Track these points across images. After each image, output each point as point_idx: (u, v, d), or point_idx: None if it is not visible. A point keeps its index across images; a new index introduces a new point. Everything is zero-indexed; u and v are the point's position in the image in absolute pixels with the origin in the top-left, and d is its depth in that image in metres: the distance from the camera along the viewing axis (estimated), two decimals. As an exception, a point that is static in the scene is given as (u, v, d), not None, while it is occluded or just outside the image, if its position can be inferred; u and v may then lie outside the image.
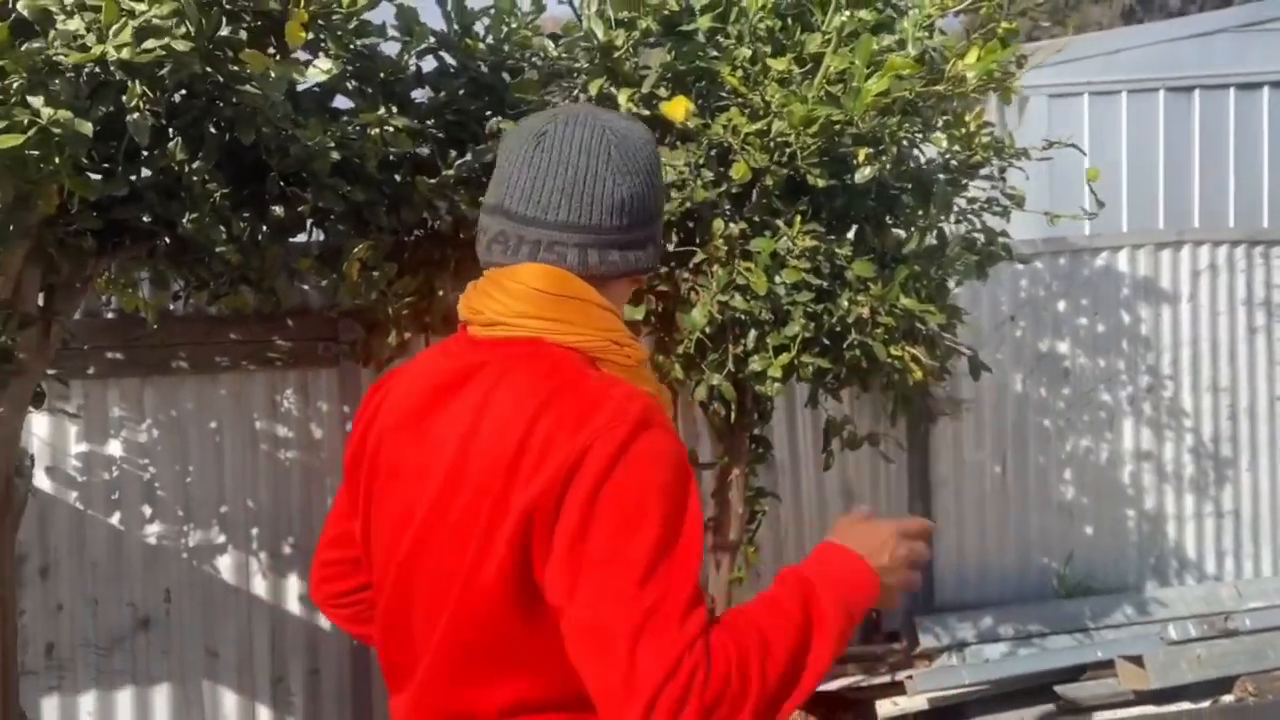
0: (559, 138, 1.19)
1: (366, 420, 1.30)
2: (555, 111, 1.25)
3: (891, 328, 2.76)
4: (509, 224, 1.19)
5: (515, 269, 1.19)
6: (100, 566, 3.72)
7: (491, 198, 1.23)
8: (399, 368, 1.34)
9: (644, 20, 2.72)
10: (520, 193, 1.19)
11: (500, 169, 1.23)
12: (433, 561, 1.17)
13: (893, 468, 4.61)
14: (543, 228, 1.19)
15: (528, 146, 1.20)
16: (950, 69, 2.49)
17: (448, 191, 2.89)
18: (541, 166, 1.18)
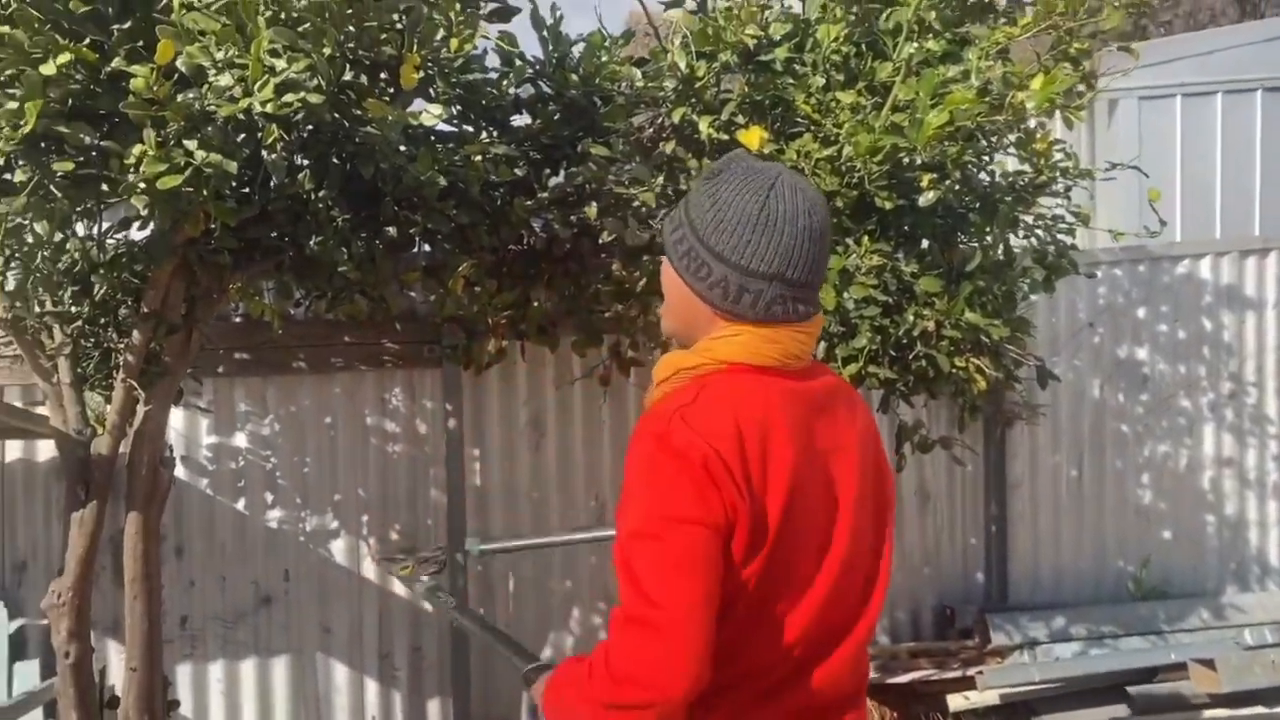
0: (820, 216, 1.42)
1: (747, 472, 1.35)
2: (797, 183, 1.42)
3: (957, 340, 2.91)
4: (790, 289, 1.40)
5: (814, 322, 1.47)
6: (227, 548, 4.10)
7: (764, 266, 1.39)
8: (721, 421, 1.35)
9: (724, 54, 2.91)
10: (802, 265, 1.40)
11: (767, 235, 1.38)
12: (863, 541, 1.49)
13: (969, 470, 4.73)
14: (814, 290, 1.45)
15: (801, 220, 1.40)
16: (1010, 99, 2.64)
17: (543, 211, 3.14)
18: (816, 242, 1.41)
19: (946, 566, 4.82)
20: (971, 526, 4.84)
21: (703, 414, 1.35)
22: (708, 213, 1.42)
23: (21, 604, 3.99)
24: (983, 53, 2.80)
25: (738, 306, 1.40)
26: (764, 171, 1.42)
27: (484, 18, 2.91)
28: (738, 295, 1.40)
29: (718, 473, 1.31)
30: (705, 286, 1.42)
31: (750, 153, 1.51)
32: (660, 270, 1.51)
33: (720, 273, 1.40)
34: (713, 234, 1.40)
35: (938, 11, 2.93)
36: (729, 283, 1.40)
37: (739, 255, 1.39)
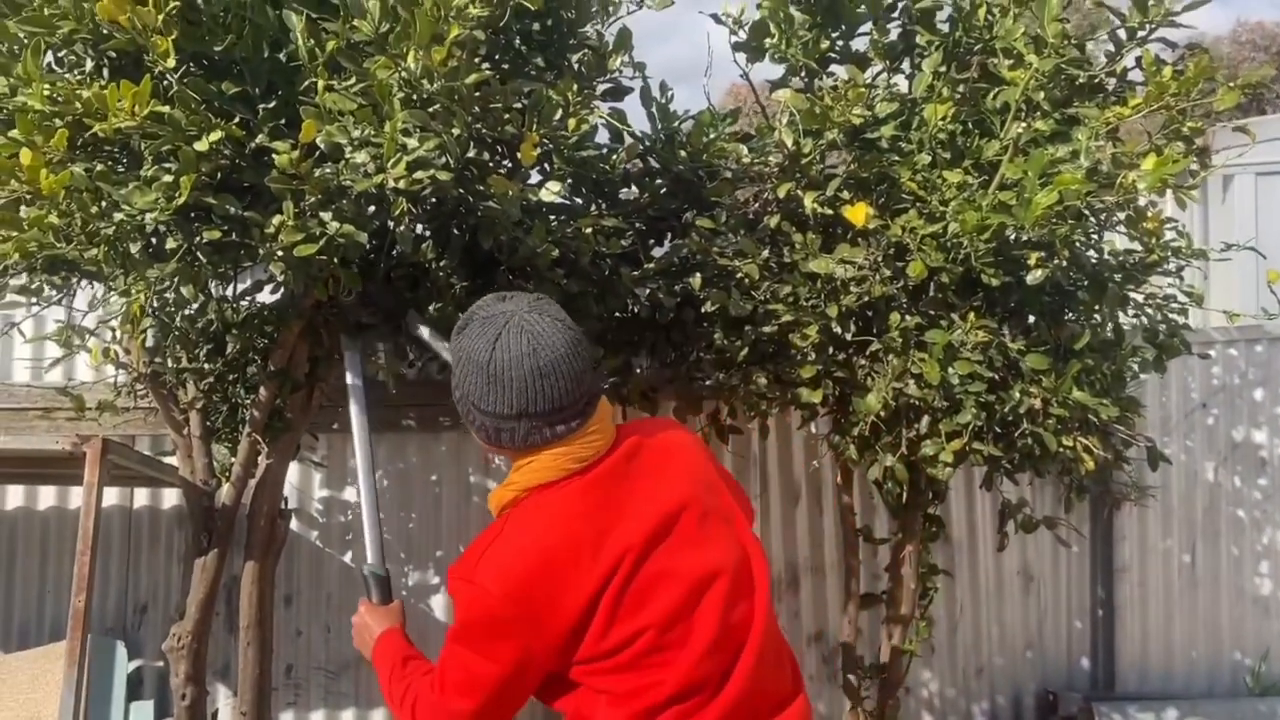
0: (546, 353, 1.61)
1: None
2: (524, 324, 1.60)
3: (1064, 418, 2.88)
4: (540, 420, 1.61)
5: (589, 426, 1.67)
6: (334, 598, 4.23)
7: (506, 409, 1.60)
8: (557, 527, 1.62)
9: (830, 132, 2.97)
10: (540, 399, 1.61)
11: (499, 383, 1.58)
12: (723, 552, 1.69)
13: (1074, 551, 4.60)
14: (570, 408, 1.67)
15: (527, 362, 1.59)
16: (1121, 179, 2.63)
17: (648, 281, 3.23)
18: (548, 377, 1.60)
19: (1050, 651, 4.67)
20: (1077, 610, 4.70)
21: (500, 556, 1.58)
22: (457, 368, 1.63)
23: (140, 645, 4.18)
24: (1092, 133, 2.80)
25: (501, 443, 1.63)
26: (494, 321, 1.60)
27: (599, 97, 3.04)
28: (496, 435, 1.62)
29: (507, 618, 1.55)
30: (475, 429, 1.66)
31: (509, 297, 1.67)
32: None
33: (479, 419, 1.63)
34: (462, 386, 1.62)
35: (1045, 91, 2.95)
36: (487, 426, 1.62)
37: (485, 403, 1.59)
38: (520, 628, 1.55)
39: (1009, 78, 2.96)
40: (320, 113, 2.34)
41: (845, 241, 3.03)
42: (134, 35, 2.23)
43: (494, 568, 1.57)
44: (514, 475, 1.65)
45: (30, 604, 4.23)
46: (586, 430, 1.63)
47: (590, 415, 1.64)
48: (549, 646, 1.57)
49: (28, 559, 4.25)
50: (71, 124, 2.37)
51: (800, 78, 3.22)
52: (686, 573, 1.61)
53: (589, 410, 1.64)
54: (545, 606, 1.55)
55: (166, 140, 2.31)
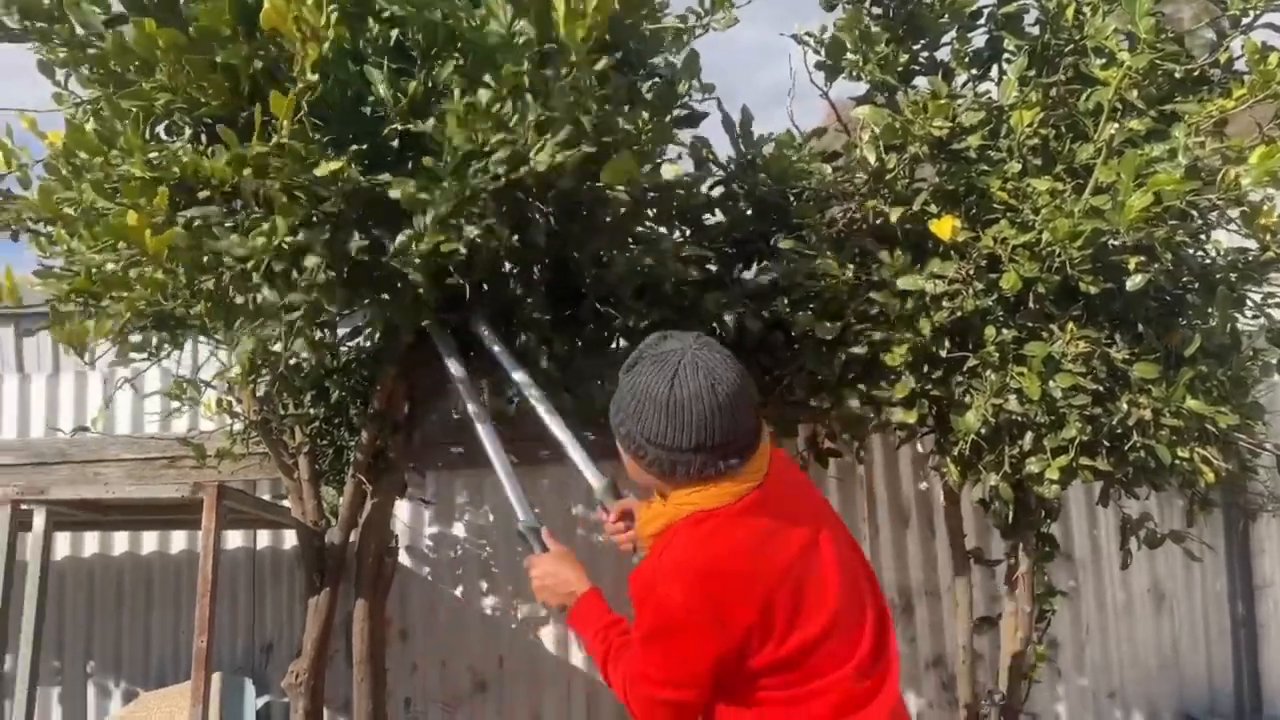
0: (724, 388, 1.70)
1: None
2: (699, 360, 1.68)
3: (1178, 429, 2.73)
4: (713, 454, 1.69)
5: (752, 460, 1.75)
6: (447, 633, 4.31)
7: (684, 442, 1.67)
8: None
9: (914, 145, 2.91)
10: (717, 432, 1.68)
11: (679, 417, 1.65)
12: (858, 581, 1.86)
13: (1209, 566, 4.34)
14: (739, 441, 1.74)
15: (706, 397, 1.66)
16: (1224, 175, 2.49)
17: (734, 305, 3.21)
18: (724, 411, 1.68)
19: (1187, 672, 4.41)
20: (1215, 630, 4.43)
21: (678, 566, 1.67)
22: (629, 404, 1.69)
23: (269, 682, 4.34)
24: (1191, 129, 2.66)
25: (675, 477, 1.70)
26: (667, 359, 1.67)
27: (674, 125, 3.04)
28: (671, 468, 1.69)
29: (694, 623, 1.65)
30: (646, 464, 1.72)
31: (674, 336, 1.75)
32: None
33: (653, 454, 1.68)
34: (637, 422, 1.68)
35: (1140, 89, 2.83)
36: (662, 460, 1.68)
37: (663, 438, 1.65)
38: (707, 631, 1.65)
39: (1101, 77, 2.85)
40: (460, 112, 2.40)
41: (935, 256, 2.95)
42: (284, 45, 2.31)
43: (674, 575, 1.66)
44: (678, 500, 1.72)
45: (166, 644, 4.44)
46: (752, 462, 1.72)
47: (756, 448, 1.73)
48: (731, 649, 1.67)
49: (163, 601, 4.47)
50: (172, 188, 2.51)
51: (881, 93, 3.17)
52: (837, 593, 1.74)
53: (755, 443, 1.73)
54: (726, 611, 1.65)
55: (284, 173, 2.40)
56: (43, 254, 2.83)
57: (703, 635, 1.66)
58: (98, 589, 4.49)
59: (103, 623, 4.46)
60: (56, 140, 2.71)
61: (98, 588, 4.49)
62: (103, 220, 2.53)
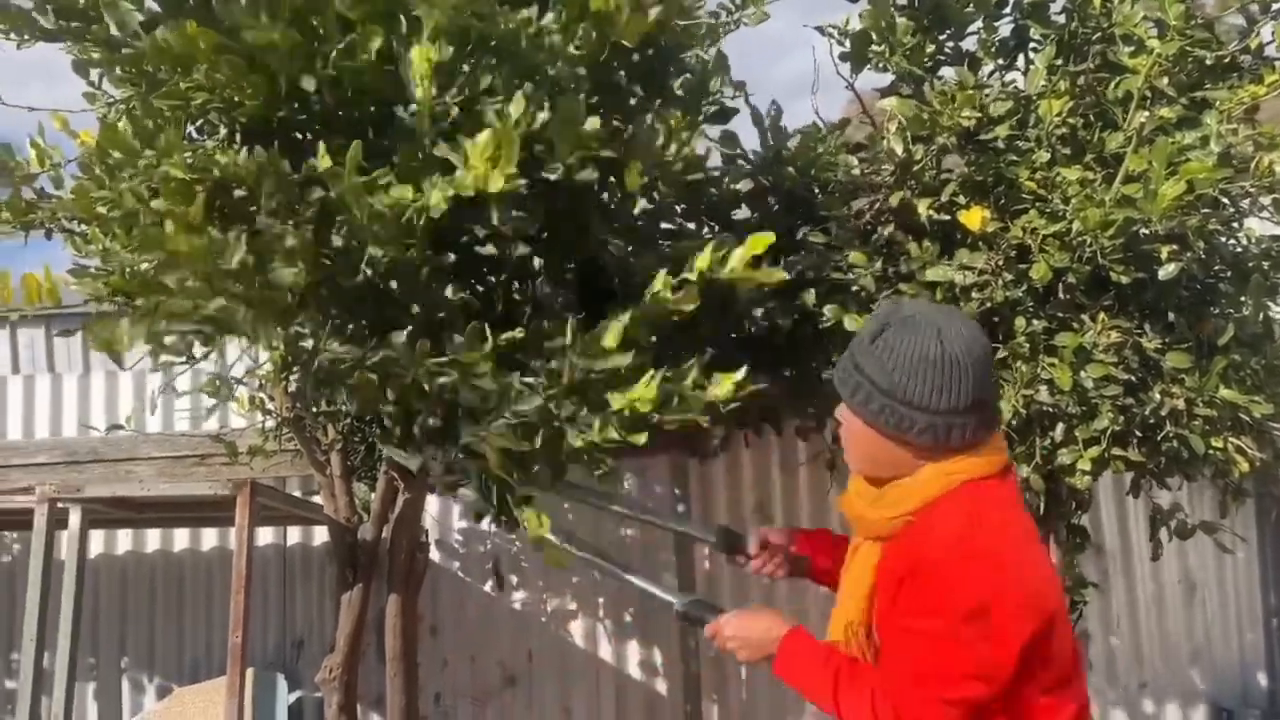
0: (984, 337, 1.63)
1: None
2: (952, 316, 1.63)
3: (1211, 419, 2.72)
4: (985, 412, 1.61)
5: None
6: (477, 628, 4.34)
7: (964, 402, 1.56)
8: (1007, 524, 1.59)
9: (941, 136, 2.91)
10: (990, 388, 1.64)
11: (957, 375, 1.55)
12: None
13: (1241, 557, 4.32)
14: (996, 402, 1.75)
15: (976, 350, 1.59)
16: (1257, 162, 2.48)
17: (763, 301, 3.21)
18: (990, 363, 1.63)
19: (1220, 664, 4.39)
20: (1248, 621, 4.40)
21: (985, 539, 1.53)
22: (893, 373, 1.57)
23: (300, 678, 4.38)
24: (1223, 116, 2.65)
25: (948, 443, 1.57)
26: (918, 320, 1.59)
27: (704, 121, 3.05)
28: (946, 434, 1.56)
29: (1014, 601, 1.49)
30: (914, 435, 1.57)
31: (908, 301, 1.75)
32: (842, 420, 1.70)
33: (925, 421, 1.56)
34: (906, 389, 1.55)
35: (1170, 76, 2.81)
36: (936, 426, 1.56)
37: (938, 400, 1.54)
38: (1023, 610, 1.49)
39: (1130, 65, 2.83)
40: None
41: (964, 247, 2.95)
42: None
43: (972, 551, 1.51)
44: (946, 470, 1.58)
45: (199, 640, 4.49)
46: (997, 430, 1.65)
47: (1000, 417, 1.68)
48: (1039, 632, 1.50)
49: (195, 598, 4.52)
50: (210, 189, 2.53)
51: (907, 84, 3.16)
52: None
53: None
54: (1034, 587, 1.51)
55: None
56: (78, 253, 2.86)
57: (1019, 615, 1.48)
58: (131, 586, 4.54)
59: (136, 620, 4.51)
60: (89, 139, 2.74)
61: (131, 585, 4.54)
62: (139, 222, 2.56)
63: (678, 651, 4.31)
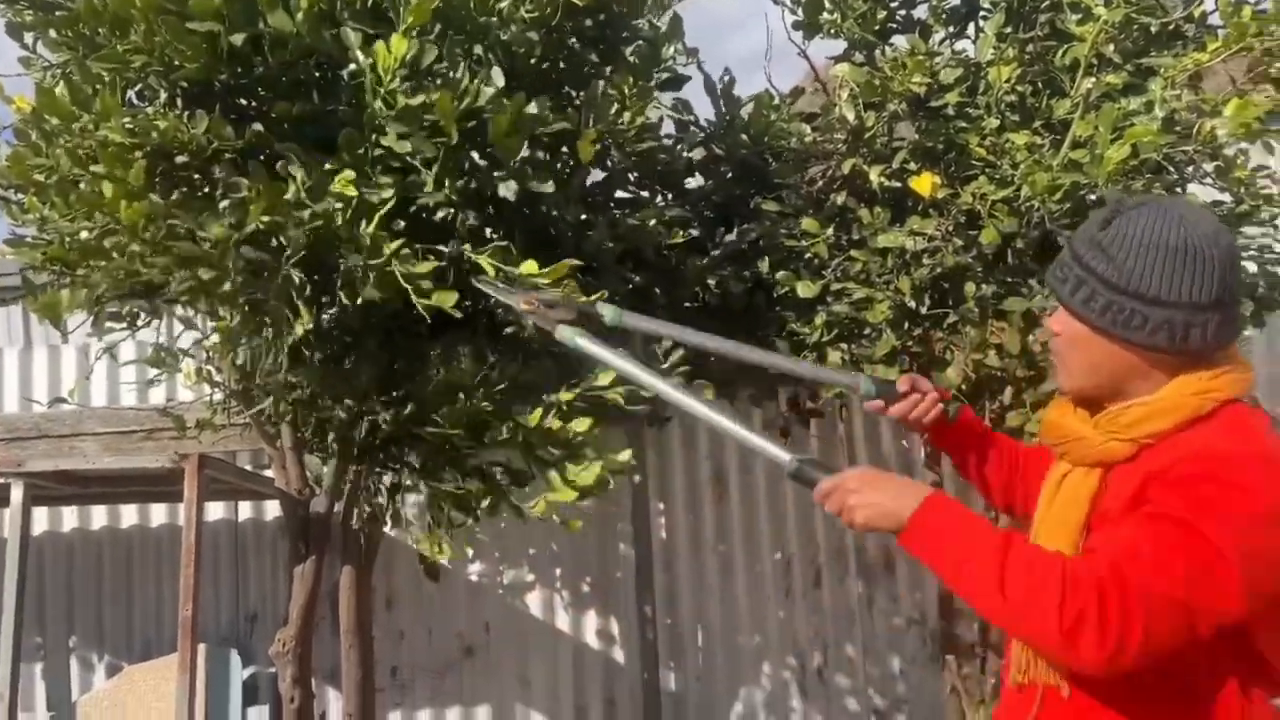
0: (1227, 230, 1.39)
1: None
2: (1192, 206, 1.42)
3: (1156, 381, 2.77)
4: (1229, 311, 1.35)
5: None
6: (433, 600, 4.33)
7: (1206, 296, 1.33)
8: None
9: (893, 103, 2.92)
10: (1235, 284, 1.36)
11: (1200, 264, 1.33)
12: None
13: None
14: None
15: (1223, 238, 1.36)
16: (1199, 127, 2.52)
17: (716, 269, 3.22)
18: (1238, 257, 1.38)
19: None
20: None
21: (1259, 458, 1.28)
22: (1127, 261, 1.35)
23: (254, 653, 4.35)
24: (1168, 82, 2.69)
25: (1187, 345, 1.34)
26: (1162, 205, 1.38)
27: (657, 88, 3.03)
28: (1184, 333, 1.33)
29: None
30: (1145, 335, 1.35)
31: (1126, 197, 1.43)
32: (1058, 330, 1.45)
33: (1160, 316, 1.34)
34: (1140, 280, 1.34)
35: (1117, 44, 2.84)
36: (1174, 323, 1.33)
37: (1177, 292, 1.33)
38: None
39: (1077, 33, 2.86)
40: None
41: (915, 213, 2.97)
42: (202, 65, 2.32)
43: (1247, 461, 1.27)
44: (1190, 389, 1.35)
45: (150, 618, 4.43)
46: (1236, 344, 1.41)
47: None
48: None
49: (144, 575, 4.45)
50: (150, 154, 2.48)
51: (860, 51, 3.17)
52: None
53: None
54: None
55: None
56: (15, 222, 2.79)
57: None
58: (78, 564, 4.46)
59: (84, 597, 4.44)
60: (24, 105, 2.66)
61: (78, 562, 4.46)
62: (77, 189, 2.50)
63: (635, 620, 4.34)
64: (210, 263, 2.42)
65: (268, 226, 2.40)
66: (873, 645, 4.40)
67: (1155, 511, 1.25)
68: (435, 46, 2.44)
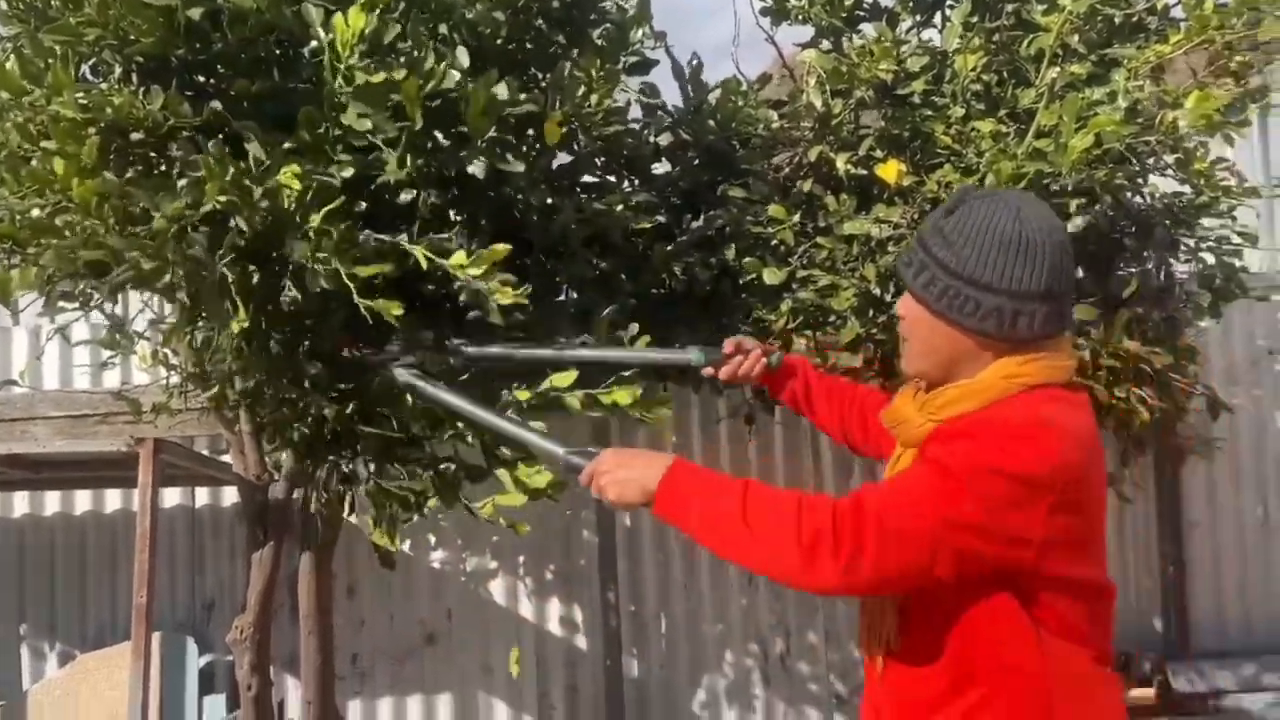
0: (1063, 228, 1.48)
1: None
2: (1032, 200, 1.48)
3: (1115, 369, 2.80)
4: (1057, 303, 1.42)
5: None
6: (395, 588, 4.29)
7: (1035, 286, 1.40)
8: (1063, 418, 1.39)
9: (859, 90, 2.92)
10: (1064, 278, 1.44)
11: (1031, 256, 1.40)
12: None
13: (1139, 509, 4.48)
14: (1071, 301, 1.50)
15: (1056, 234, 1.44)
16: (1161, 119, 2.54)
17: (683, 255, 3.20)
18: (1069, 253, 1.45)
19: (1119, 611, 4.54)
20: (1145, 568, 4.58)
21: (1052, 434, 1.36)
22: (964, 249, 1.42)
23: (211, 641, 4.28)
24: (1131, 73, 2.71)
25: (1015, 332, 1.41)
26: (1004, 198, 1.45)
27: (624, 72, 3.01)
28: (1012, 320, 1.41)
29: (1043, 498, 1.33)
30: (976, 320, 1.42)
31: (977, 189, 1.58)
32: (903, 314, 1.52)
33: (991, 303, 1.41)
34: (975, 267, 1.41)
35: (1081, 34, 2.86)
36: (1003, 310, 1.41)
37: (1008, 280, 1.40)
38: (1051, 497, 1.33)
39: (1043, 23, 2.88)
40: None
41: (880, 201, 2.97)
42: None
43: (1028, 431, 1.35)
44: (1004, 372, 1.42)
45: (104, 606, 4.35)
46: (1067, 336, 1.50)
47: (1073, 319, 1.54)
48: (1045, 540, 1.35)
49: (99, 562, 4.37)
50: (104, 131, 2.41)
51: (827, 37, 3.16)
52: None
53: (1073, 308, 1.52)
54: (1076, 491, 1.36)
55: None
56: (-37, 200, 2.71)
57: (1043, 501, 1.32)
58: (29, 550, 4.37)
59: (36, 585, 4.35)
60: (-27, 80, 2.59)
61: (29, 549, 4.37)
62: (28, 165, 2.43)
63: (598, 607, 4.33)
64: (150, 253, 2.36)
65: (225, 206, 2.36)
66: (835, 632, 4.43)
67: (914, 460, 1.41)
68: (398, 24, 2.40)
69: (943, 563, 1.31)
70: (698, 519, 1.44)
